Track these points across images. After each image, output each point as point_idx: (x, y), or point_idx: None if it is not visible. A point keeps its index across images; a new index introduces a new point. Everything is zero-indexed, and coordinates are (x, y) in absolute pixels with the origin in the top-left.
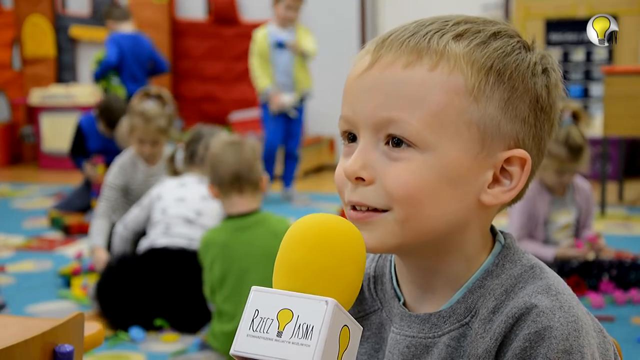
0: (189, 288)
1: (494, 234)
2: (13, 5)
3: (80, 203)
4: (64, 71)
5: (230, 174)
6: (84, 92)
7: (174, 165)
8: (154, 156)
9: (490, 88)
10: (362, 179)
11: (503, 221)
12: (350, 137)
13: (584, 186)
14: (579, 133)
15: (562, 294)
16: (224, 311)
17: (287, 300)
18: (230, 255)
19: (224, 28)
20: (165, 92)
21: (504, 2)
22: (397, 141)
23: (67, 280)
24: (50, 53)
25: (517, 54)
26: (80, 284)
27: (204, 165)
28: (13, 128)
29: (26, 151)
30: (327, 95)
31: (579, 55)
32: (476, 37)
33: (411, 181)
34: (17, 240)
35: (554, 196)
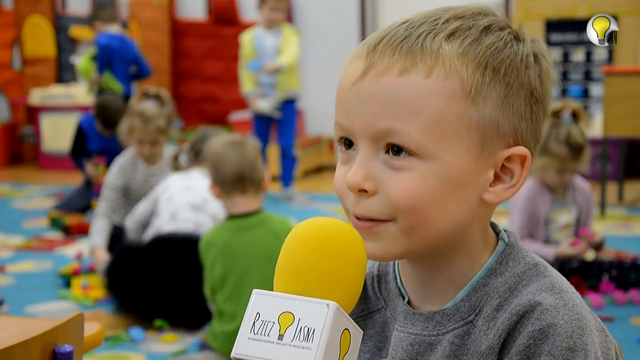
0: (196, 276)
1: (497, 232)
2: (13, 5)
3: (80, 203)
4: (64, 71)
5: (233, 173)
6: (84, 92)
7: (178, 164)
8: (154, 156)
9: (487, 87)
10: (365, 191)
11: (504, 221)
12: (347, 143)
13: (584, 186)
14: (580, 132)
15: (566, 292)
16: (225, 311)
17: (289, 304)
18: (231, 255)
19: (224, 28)
20: (164, 92)
21: (504, 2)
22: (397, 149)
23: (67, 280)
24: (51, 53)
25: (510, 47)
26: (80, 284)
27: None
28: (13, 128)
29: (26, 151)
30: (327, 95)
31: (579, 55)
32: (468, 34)
33: (415, 191)
34: (17, 241)
35: (555, 196)
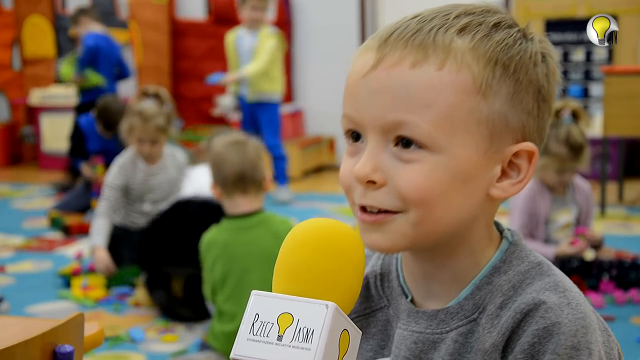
0: None
1: (501, 230)
2: (13, 6)
3: (80, 203)
4: None
5: (235, 173)
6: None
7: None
8: (154, 155)
9: (497, 82)
10: (373, 182)
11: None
12: (354, 135)
13: (584, 186)
14: (579, 132)
15: (570, 291)
16: (225, 311)
17: (288, 304)
18: (231, 255)
19: (223, 28)
20: (163, 91)
21: (504, 2)
22: (406, 142)
23: (67, 280)
24: (50, 53)
25: (519, 44)
26: (80, 284)
27: None
28: (13, 128)
29: (26, 151)
30: (326, 95)
31: (578, 55)
32: (479, 30)
33: (424, 183)
34: (17, 241)
35: (555, 195)
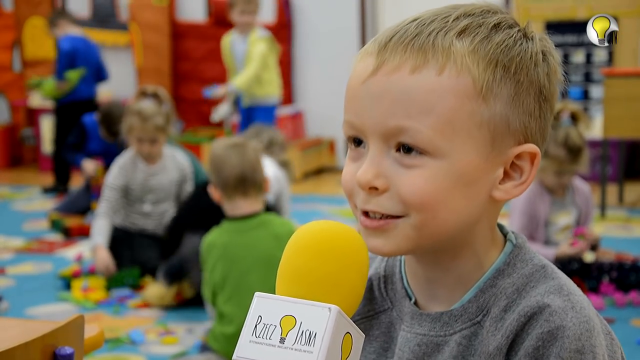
0: None
1: (505, 233)
2: (13, 8)
3: (81, 205)
4: None
5: (235, 176)
6: None
7: None
8: (154, 155)
9: (498, 85)
10: (375, 189)
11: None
12: (356, 141)
13: (584, 187)
14: (578, 134)
15: (574, 294)
16: (225, 313)
17: (290, 307)
18: (231, 257)
19: (224, 30)
20: (162, 91)
21: (504, 3)
22: (408, 148)
23: (67, 282)
24: (51, 55)
25: (520, 45)
26: (81, 286)
27: (266, 151)
28: (13, 130)
29: (26, 153)
30: (326, 96)
31: (578, 57)
32: (478, 32)
33: (427, 188)
34: (17, 243)
35: (554, 197)
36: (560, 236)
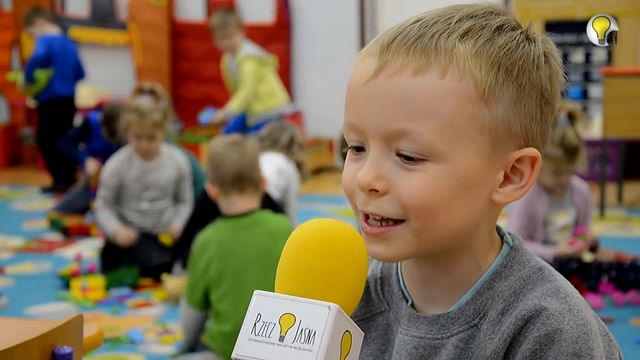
0: None
1: (502, 235)
2: (12, 7)
3: (80, 205)
4: None
5: (233, 173)
6: (83, 93)
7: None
8: (151, 151)
9: (500, 88)
10: (375, 191)
11: (502, 223)
12: (357, 148)
13: (582, 187)
14: (575, 133)
15: (571, 296)
16: (221, 311)
17: (290, 305)
18: (227, 254)
19: None
20: (159, 87)
21: (503, 3)
22: (408, 157)
23: (66, 281)
24: None
25: (522, 48)
26: (80, 285)
27: (286, 150)
28: (12, 129)
29: (25, 153)
30: (326, 96)
31: (578, 56)
32: (481, 34)
33: (427, 192)
34: (16, 242)
35: (553, 197)
36: (559, 236)
